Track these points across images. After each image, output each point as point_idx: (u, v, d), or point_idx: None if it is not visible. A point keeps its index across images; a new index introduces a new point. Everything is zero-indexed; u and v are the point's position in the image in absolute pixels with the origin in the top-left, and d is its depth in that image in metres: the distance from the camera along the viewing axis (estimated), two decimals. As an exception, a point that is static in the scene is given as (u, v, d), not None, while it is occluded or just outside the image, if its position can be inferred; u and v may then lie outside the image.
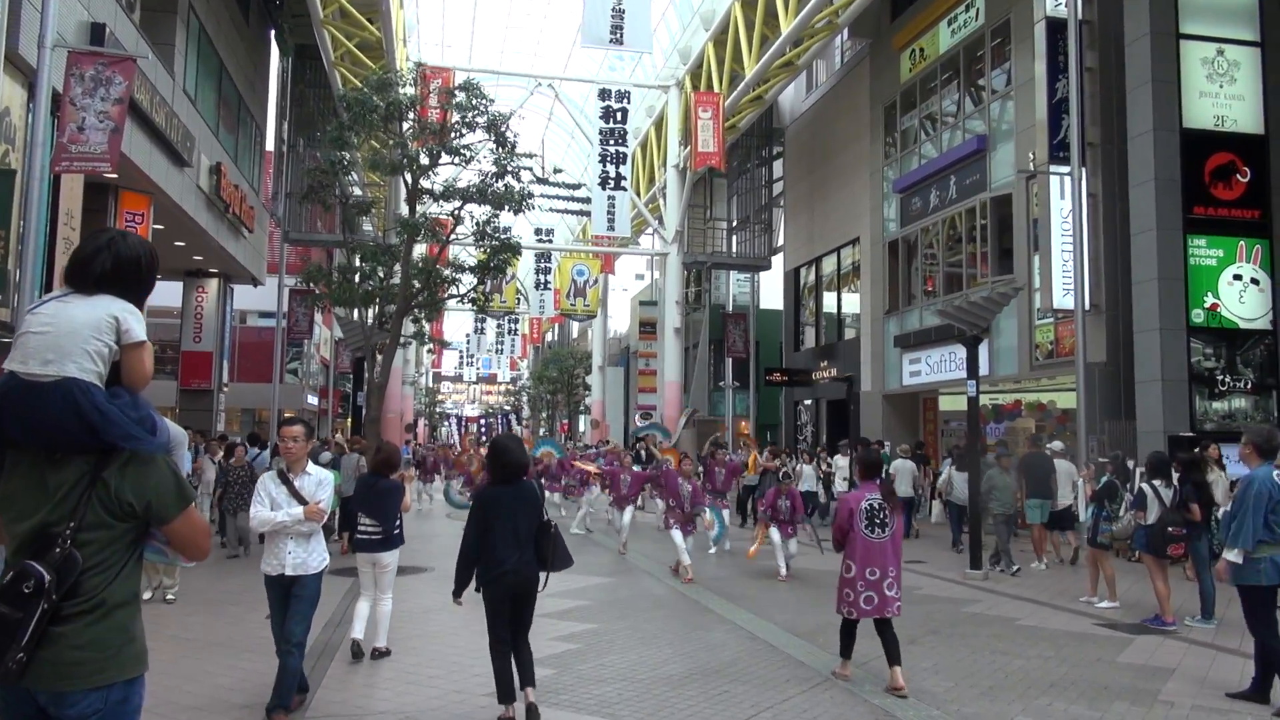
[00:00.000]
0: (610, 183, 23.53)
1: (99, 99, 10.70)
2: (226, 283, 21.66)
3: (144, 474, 2.44)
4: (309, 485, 5.63)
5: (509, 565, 5.22)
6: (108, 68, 10.75)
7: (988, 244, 18.37)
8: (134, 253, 2.61)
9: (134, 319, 2.57)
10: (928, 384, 20.36)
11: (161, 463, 2.50)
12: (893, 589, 6.20)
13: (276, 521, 5.47)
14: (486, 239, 13.23)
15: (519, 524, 5.29)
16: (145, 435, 2.45)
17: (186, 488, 2.56)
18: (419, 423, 52.04)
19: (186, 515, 2.50)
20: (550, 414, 51.88)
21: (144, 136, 13.67)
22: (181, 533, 2.52)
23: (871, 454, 6.68)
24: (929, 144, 20.84)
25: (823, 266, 26.67)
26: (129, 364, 2.55)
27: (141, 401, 2.53)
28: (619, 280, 47.50)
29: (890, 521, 6.24)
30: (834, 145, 25.28)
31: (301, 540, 5.50)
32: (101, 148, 10.34)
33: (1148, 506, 8.69)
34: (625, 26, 18.87)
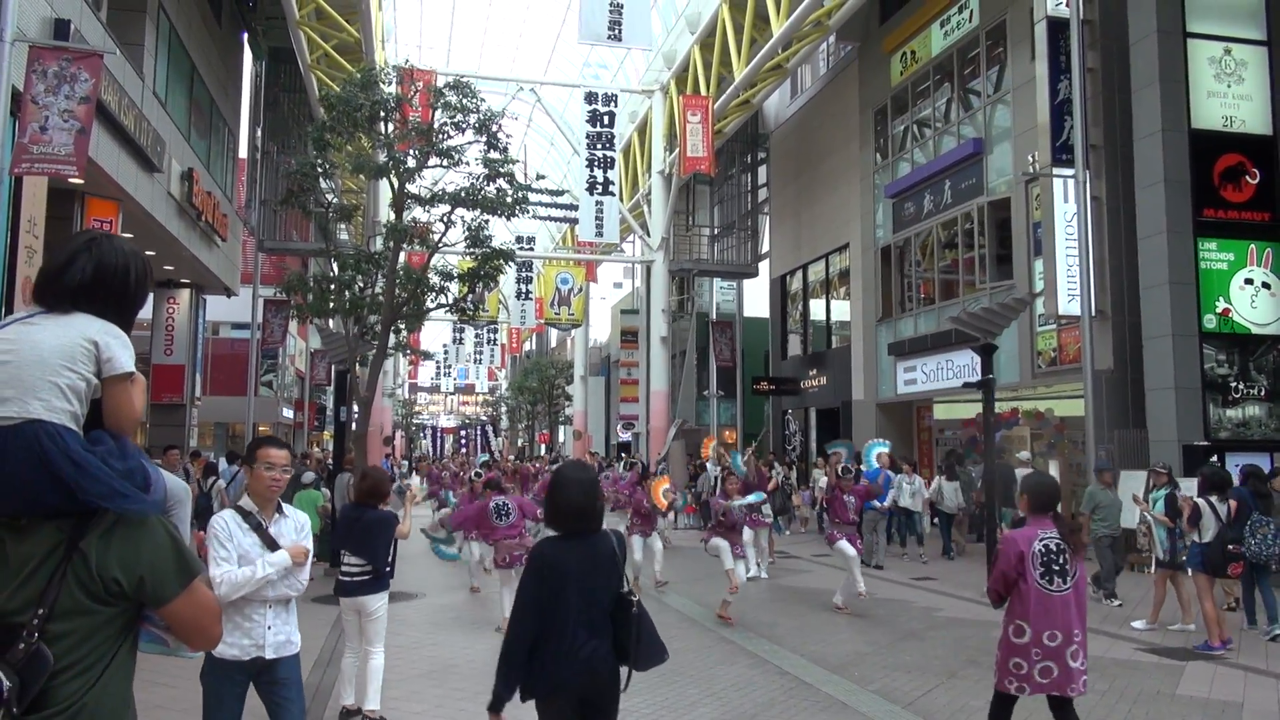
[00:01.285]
0: (598, 188, 23.00)
1: (63, 97, 10.00)
2: (199, 293, 20.93)
3: (134, 542, 1.87)
4: (286, 531, 4.00)
5: (581, 656, 3.49)
6: (73, 64, 10.06)
7: (985, 249, 18.01)
8: (121, 260, 2.04)
9: (118, 344, 1.98)
10: (924, 392, 19.97)
11: (157, 526, 1.92)
12: (1078, 658, 4.68)
13: (258, 579, 3.80)
14: (479, 245, 12.66)
15: (594, 597, 3.55)
16: (134, 492, 1.87)
17: (190, 558, 1.96)
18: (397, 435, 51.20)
19: (191, 593, 1.93)
20: (530, 425, 51.20)
21: (112, 140, 12.97)
22: (185, 615, 1.94)
23: (1045, 482, 4.91)
24: (921, 148, 20.50)
25: (810, 273, 26.30)
26: (113, 401, 1.97)
27: (129, 449, 1.94)
28: (598, 289, 47.01)
29: (1073, 568, 4.68)
30: (821, 150, 24.92)
31: (282, 608, 3.93)
32: (66, 149, 9.64)
33: (1203, 523, 8.22)
34: (624, 22, 18.37)
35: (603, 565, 3.57)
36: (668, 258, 27.40)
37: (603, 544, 3.64)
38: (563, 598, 3.49)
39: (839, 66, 24.41)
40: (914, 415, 21.91)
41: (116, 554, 1.85)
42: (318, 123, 13.96)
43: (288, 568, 3.89)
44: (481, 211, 12.66)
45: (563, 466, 3.81)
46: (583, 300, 34.86)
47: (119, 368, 1.97)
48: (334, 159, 15.29)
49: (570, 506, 3.60)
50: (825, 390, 24.53)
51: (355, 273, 13.51)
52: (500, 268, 13.34)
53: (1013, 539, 4.73)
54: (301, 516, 4.17)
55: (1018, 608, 4.67)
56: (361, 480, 6.42)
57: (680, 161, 24.19)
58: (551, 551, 3.56)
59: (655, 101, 27.37)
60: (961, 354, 17.64)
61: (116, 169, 13.19)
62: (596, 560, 3.57)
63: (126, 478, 1.88)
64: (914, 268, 20.90)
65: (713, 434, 29.39)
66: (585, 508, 3.60)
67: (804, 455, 24.91)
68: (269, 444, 4.07)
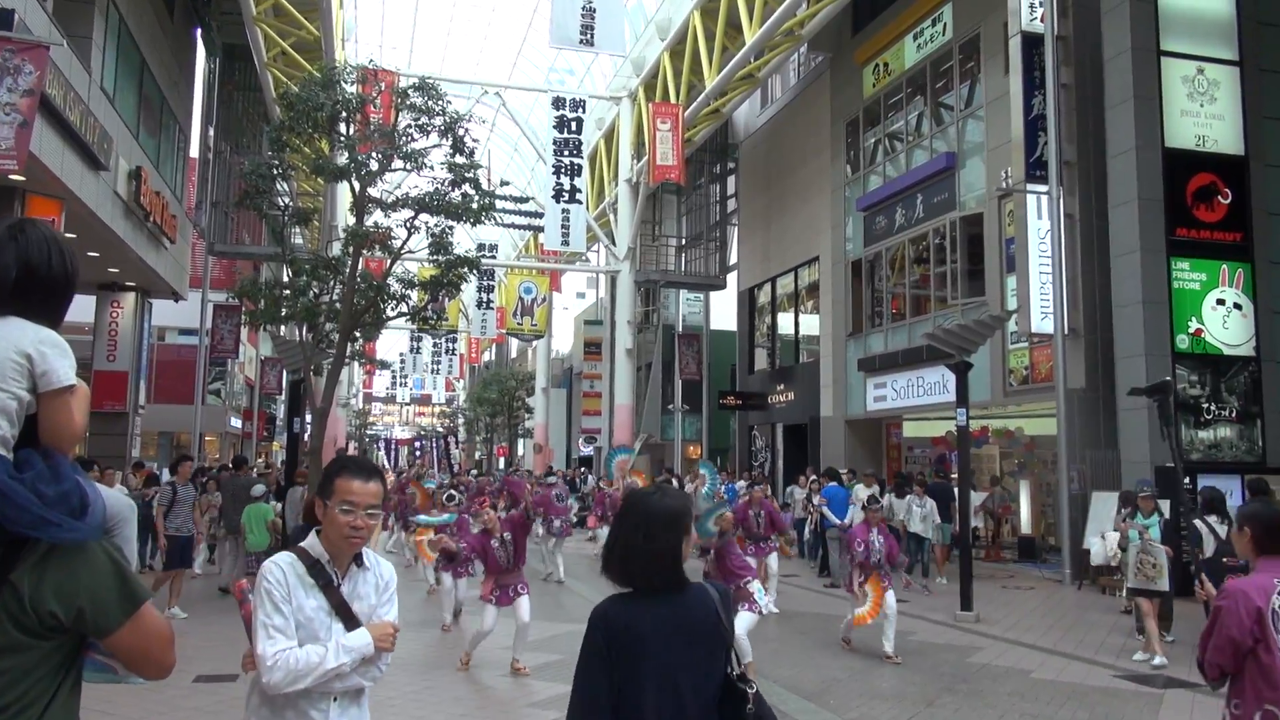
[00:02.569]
0: (564, 195, 22.90)
1: (5, 89, 9.71)
2: (144, 297, 20.49)
3: (71, 570, 1.74)
4: (365, 591, 2.79)
5: None
6: (16, 54, 9.77)
7: (957, 264, 18.14)
8: (51, 250, 1.89)
9: (55, 354, 1.82)
10: (894, 410, 20.05)
11: (97, 552, 1.78)
12: None
13: (327, 671, 2.62)
14: (442, 252, 12.47)
15: (690, 684, 2.38)
16: (65, 520, 1.72)
17: (135, 584, 1.82)
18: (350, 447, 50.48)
19: (137, 622, 1.80)
20: (489, 437, 50.79)
21: (56, 135, 12.62)
22: (132, 646, 1.81)
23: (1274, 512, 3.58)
24: (893, 161, 20.64)
25: (779, 286, 26.36)
26: (51, 418, 1.82)
27: (64, 469, 1.78)
28: (561, 299, 46.81)
29: None
30: (792, 161, 25.02)
31: (351, 702, 2.73)
32: (7, 144, 9.35)
33: (1203, 543, 8.28)
34: (596, 27, 18.31)
35: (701, 637, 2.40)
36: (634, 268, 27.34)
37: (698, 605, 2.43)
38: (640, 685, 2.33)
39: (810, 77, 24.55)
40: (883, 432, 21.99)
41: (52, 584, 1.72)
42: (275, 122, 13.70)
43: (368, 656, 2.69)
44: (446, 217, 12.49)
45: (638, 492, 2.59)
46: (546, 310, 34.72)
47: (57, 381, 1.81)
48: (291, 160, 15.02)
49: (651, 551, 2.40)
50: (793, 406, 24.56)
51: (311, 279, 13.25)
52: (464, 276, 13.15)
53: (1243, 592, 3.39)
54: (386, 570, 2.88)
55: (1261, 688, 3.29)
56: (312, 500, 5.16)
57: (649, 169, 24.15)
58: (623, 615, 2.38)
59: (623, 108, 27.33)
60: (933, 371, 17.73)
61: (60, 166, 12.84)
62: (692, 630, 2.39)
63: (60, 502, 1.73)
64: (885, 282, 20.99)
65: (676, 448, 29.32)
66: (670, 553, 2.41)
67: (770, 472, 24.88)
68: (352, 472, 2.80)
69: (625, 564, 2.44)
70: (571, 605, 12.02)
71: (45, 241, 1.88)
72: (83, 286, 19.31)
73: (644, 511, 2.45)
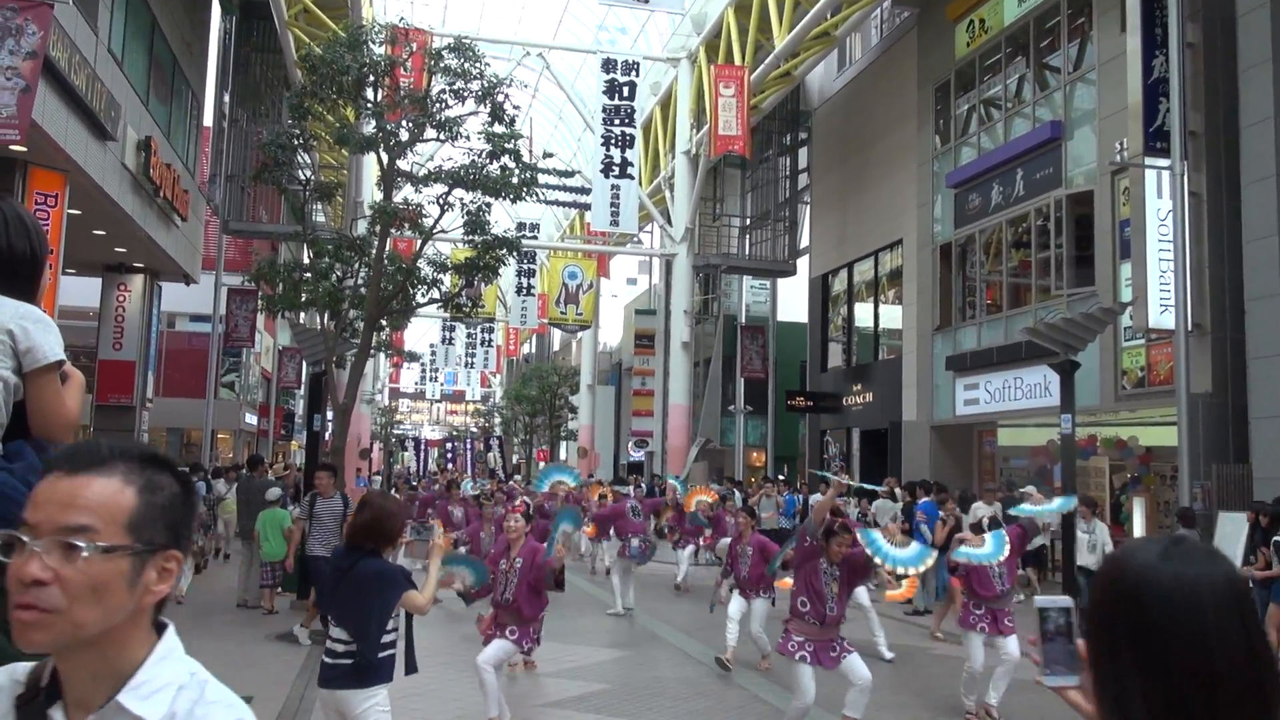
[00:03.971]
0: (614, 169, 22.96)
1: (6, 52, 9.98)
2: (154, 280, 20.96)
3: None
4: None
5: None
6: (18, 14, 10.04)
7: (1062, 249, 17.84)
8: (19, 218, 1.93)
9: (39, 329, 1.85)
10: (987, 415, 19.80)
11: None
12: None
13: None
14: (478, 232, 12.57)
15: None
16: None
17: None
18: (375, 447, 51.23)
19: None
20: (527, 439, 51.12)
21: (60, 101, 12.97)
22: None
23: None
24: (989, 132, 20.35)
25: (856, 273, 26.16)
26: (38, 399, 1.84)
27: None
28: (609, 285, 47.01)
29: None
30: (873, 132, 24.80)
31: None
32: (8, 110, 9.61)
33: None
34: (653, -20, 18.30)
35: None
36: (692, 251, 27.29)
37: None
38: None
39: (895, 35, 24.29)
40: (975, 440, 21.71)
41: None
42: (296, 88, 13.93)
43: None
44: (483, 193, 12.57)
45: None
46: (592, 298, 34.85)
47: (43, 357, 1.84)
48: (313, 129, 15.24)
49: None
50: (871, 409, 24.36)
51: (334, 260, 13.44)
52: (502, 258, 13.23)
53: None
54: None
55: None
56: (360, 511, 4.92)
57: (710, 141, 24.09)
58: None
59: (681, 71, 27.29)
60: (1033, 371, 17.47)
61: (64, 135, 13.17)
62: None
63: None
64: (978, 269, 20.72)
65: (737, 454, 29.25)
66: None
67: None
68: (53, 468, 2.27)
69: None
70: (623, 629, 12.06)
71: (12, 210, 1.91)
72: (88, 268, 19.91)
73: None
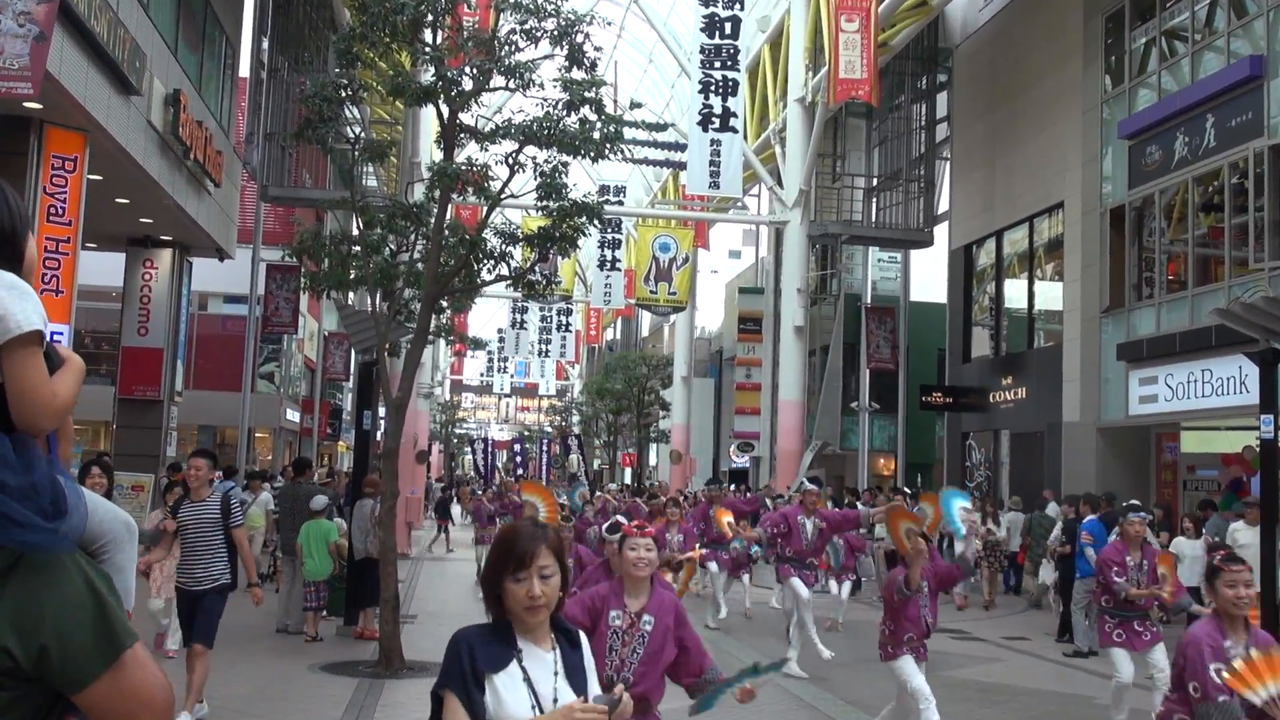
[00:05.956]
0: (714, 122, 22.89)
1: (19, -6, 10.35)
2: (183, 255, 21.58)
3: (34, 594, 1.78)
4: None
5: None
6: (32, -50, 10.40)
7: (1264, 213, 17.34)
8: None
9: (12, 296, 1.89)
10: (1167, 415, 19.41)
11: (72, 573, 1.83)
12: None
13: None
14: (554, 197, 12.63)
15: None
16: (31, 519, 1.78)
17: (118, 623, 1.85)
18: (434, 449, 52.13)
19: (119, 672, 1.82)
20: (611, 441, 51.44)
21: (78, 51, 13.41)
22: (110, 708, 1.83)
23: None
24: (1173, 70, 19.89)
25: (1007, 243, 25.86)
26: (14, 377, 1.86)
27: (33, 455, 1.85)
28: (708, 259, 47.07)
29: None
30: (1027, 72, 24.41)
31: None
32: (21, 61, 9.97)
33: None
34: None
35: None
36: (807, 218, 27.12)
37: None
38: None
39: (1055, -46, 23.84)
40: (1153, 446, 21.27)
41: (9, 612, 1.77)
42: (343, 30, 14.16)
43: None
44: (559, 151, 12.61)
45: None
46: (688, 274, 34.86)
47: (16, 326, 1.86)
48: (363, 78, 15.46)
49: None
50: (1024, 407, 24.03)
51: (387, 231, 13.61)
52: (581, 228, 13.26)
53: None
54: None
55: None
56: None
57: (829, 86, 23.90)
58: None
59: (794, 4, 27.13)
60: (1226, 361, 17.05)
61: (84, 89, 13.60)
62: None
63: (25, 498, 1.79)
64: (1157, 238, 20.32)
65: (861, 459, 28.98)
66: None
67: (993, 494, 24.37)
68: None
69: None
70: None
71: None
72: (110, 242, 20.57)
73: None
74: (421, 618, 15.24)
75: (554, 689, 3.13)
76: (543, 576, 3.09)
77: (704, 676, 5.09)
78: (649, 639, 5.10)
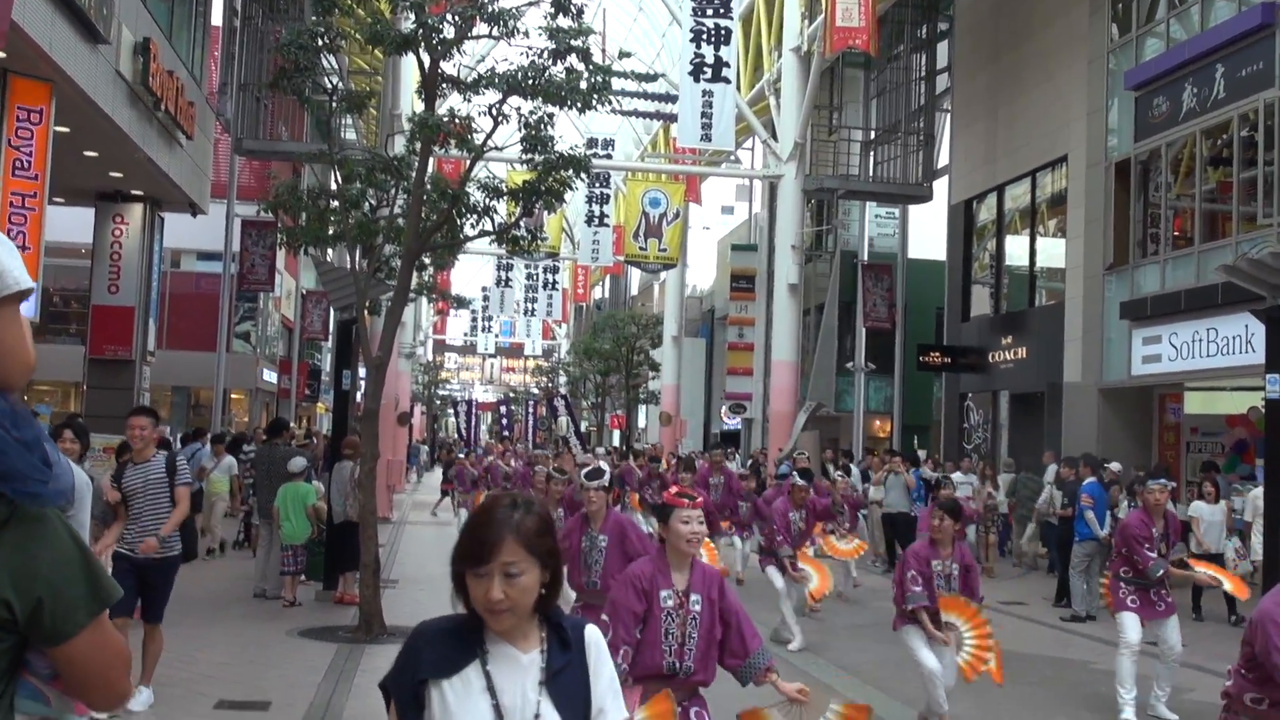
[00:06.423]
0: (706, 72, 22.77)
1: (-20, -64, 10.25)
2: (155, 210, 21.46)
3: (29, 550, 1.84)
4: None
5: None
6: (-7, -110, 10.29)
7: (1274, 166, 17.39)
8: None
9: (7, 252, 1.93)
10: (1171, 375, 19.52)
11: (59, 530, 1.90)
12: None
13: None
14: (539, 150, 12.61)
15: None
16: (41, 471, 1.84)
17: (103, 577, 1.93)
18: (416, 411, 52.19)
19: (100, 626, 1.90)
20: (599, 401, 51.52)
21: (44, -2, 13.30)
22: (89, 660, 1.91)
23: None
24: (1181, 18, 19.85)
25: (1008, 198, 25.89)
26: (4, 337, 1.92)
27: (22, 413, 1.90)
28: (700, 215, 47.00)
29: None
30: (1031, 20, 24.34)
31: None
32: (-17, 7, 9.88)
33: None
34: None
35: None
36: (802, 172, 27.05)
37: None
38: None
39: (1061, -104, 23.71)
40: (1155, 407, 21.41)
41: (7, 564, 1.83)
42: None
43: None
44: (545, 102, 12.58)
45: None
46: (679, 230, 34.78)
47: (15, 283, 1.90)
48: (341, 26, 15.36)
49: None
50: (1025, 367, 24.13)
51: (367, 185, 13.58)
52: (569, 181, 13.25)
53: None
54: None
55: None
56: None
57: (826, 34, 23.80)
58: None
59: (791, -53, 26.97)
60: (1232, 320, 17.13)
61: (49, 38, 13.49)
62: None
63: (29, 450, 1.84)
64: (1163, 192, 20.36)
65: (856, 421, 29.11)
66: None
67: (991, 458, 24.49)
68: None
69: None
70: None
71: None
72: (79, 197, 20.47)
73: None
74: (403, 583, 15.36)
75: (528, 699, 2.62)
76: (508, 575, 2.57)
77: (750, 660, 4.93)
78: (700, 620, 4.88)
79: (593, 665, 2.73)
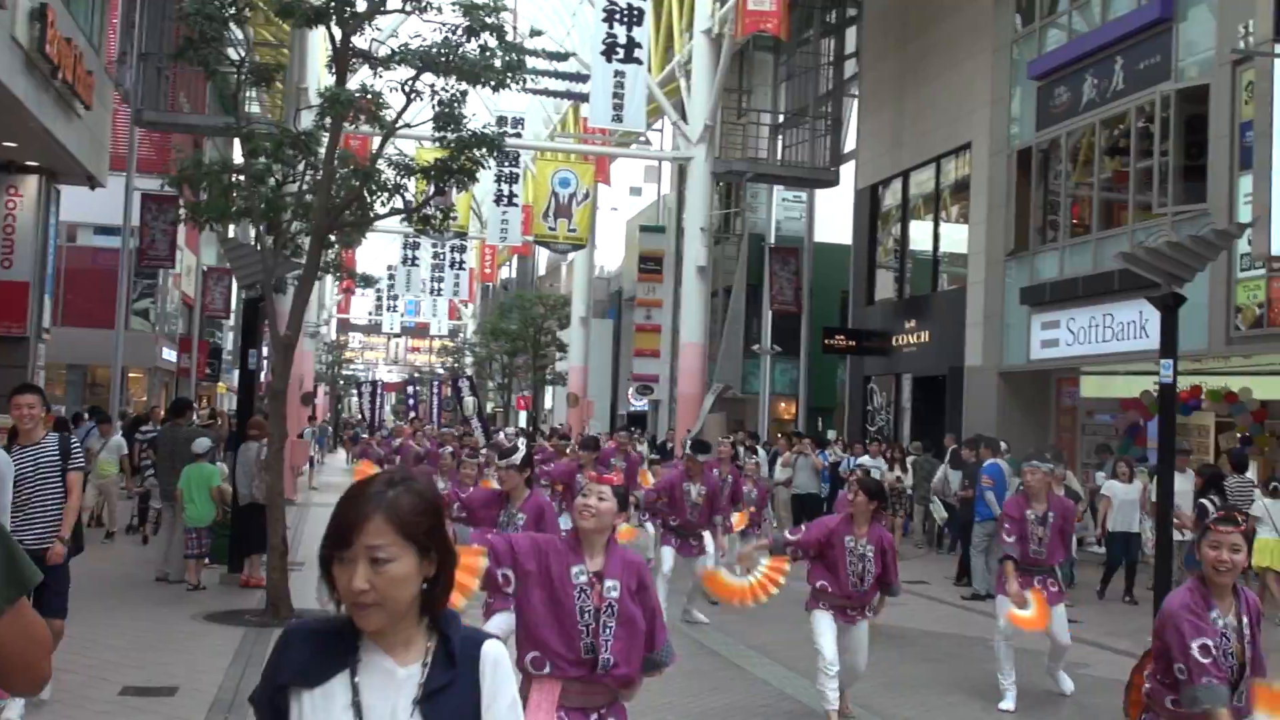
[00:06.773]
0: (618, 52, 22.74)
1: None
2: (51, 182, 20.95)
3: None
4: None
5: None
6: None
7: (1169, 157, 17.77)
8: None
9: None
10: (1068, 359, 19.91)
11: None
12: None
13: None
14: (451, 127, 12.50)
15: None
16: None
17: (22, 559, 1.92)
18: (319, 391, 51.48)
19: (21, 609, 1.89)
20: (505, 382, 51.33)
21: (-65, -42, 12.87)
22: (4, 644, 1.89)
23: None
24: (1083, 10, 20.20)
25: (913, 184, 26.18)
26: None
27: None
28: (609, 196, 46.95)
29: None
30: (938, 8, 24.60)
31: None
32: (-126, -31, 9.53)
33: None
34: None
35: None
36: (711, 154, 27.18)
37: None
38: None
39: (968, -113, 23.99)
40: (1052, 390, 21.85)
41: None
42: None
43: None
44: (458, 79, 12.48)
45: None
46: (588, 211, 34.76)
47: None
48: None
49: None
50: (927, 351, 24.47)
51: (273, 160, 13.36)
52: (480, 160, 13.17)
53: None
54: None
55: None
56: None
57: (737, 17, 23.92)
58: None
59: (702, -70, 26.99)
60: (1127, 306, 17.51)
61: (-59, 1, 13.07)
62: None
63: None
64: (1063, 181, 20.71)
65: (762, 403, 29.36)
66: None
67: (894, 439, 24.88)
68: None
69: None
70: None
71: None
72: (-30, 166, 19.86)
73: None
74: (309, 564, 15.12)
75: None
76: (374, 560, 2.18)
77: (652, 656, 4.68)
78: (617, 608, 4.54)
79: (487, 687, 2.33)
